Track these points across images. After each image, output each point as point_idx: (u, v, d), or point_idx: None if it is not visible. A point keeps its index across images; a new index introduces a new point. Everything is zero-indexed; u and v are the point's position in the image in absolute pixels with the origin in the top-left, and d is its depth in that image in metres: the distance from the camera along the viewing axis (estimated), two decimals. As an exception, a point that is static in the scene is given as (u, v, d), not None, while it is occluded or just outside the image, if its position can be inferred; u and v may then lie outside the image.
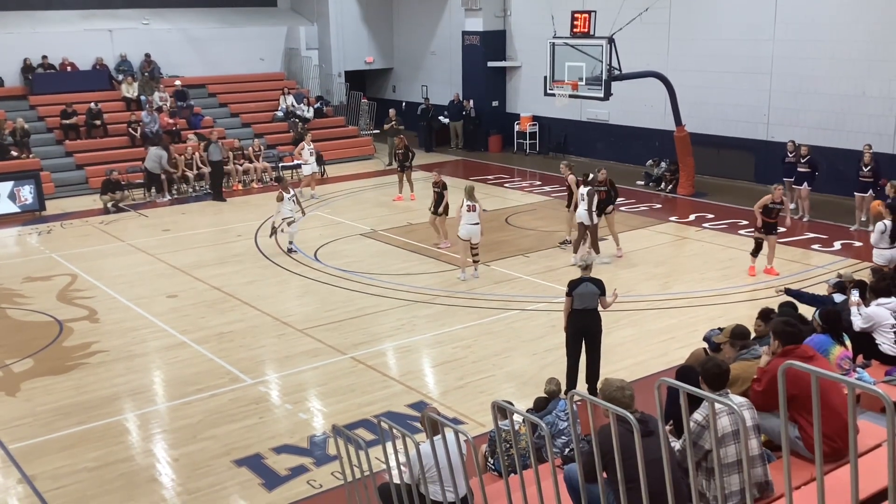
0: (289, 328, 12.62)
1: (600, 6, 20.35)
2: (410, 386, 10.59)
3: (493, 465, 7.52)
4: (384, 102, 29.87)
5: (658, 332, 12.13)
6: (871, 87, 18.85)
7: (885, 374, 7.51)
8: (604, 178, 15.30)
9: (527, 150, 27.03)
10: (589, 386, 9.95)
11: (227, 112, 26.66)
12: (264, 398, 10.40)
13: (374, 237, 17.55)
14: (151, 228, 18.85)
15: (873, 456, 5.50)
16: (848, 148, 18.52)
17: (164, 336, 12.43)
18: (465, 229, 14.19)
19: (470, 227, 14.17)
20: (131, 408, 10.22)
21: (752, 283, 14.10)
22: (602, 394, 5.04)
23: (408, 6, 30.92)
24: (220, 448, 9.12)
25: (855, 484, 3.42)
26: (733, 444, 4.89)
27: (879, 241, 12.75)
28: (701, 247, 16.53)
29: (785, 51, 20.32)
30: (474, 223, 14.19)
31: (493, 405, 5.23)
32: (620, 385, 5.03)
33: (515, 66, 27.57)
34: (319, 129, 26.53)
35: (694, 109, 21.18)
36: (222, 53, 27.86)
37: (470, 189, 14.50)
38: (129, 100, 24.98)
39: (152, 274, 15.45)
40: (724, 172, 21.70)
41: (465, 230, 14.19)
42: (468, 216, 14.15)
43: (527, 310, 13.16)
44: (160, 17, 27.68)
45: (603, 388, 5.11)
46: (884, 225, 12.71)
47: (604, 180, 15.30)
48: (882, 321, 7.89)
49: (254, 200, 21.40)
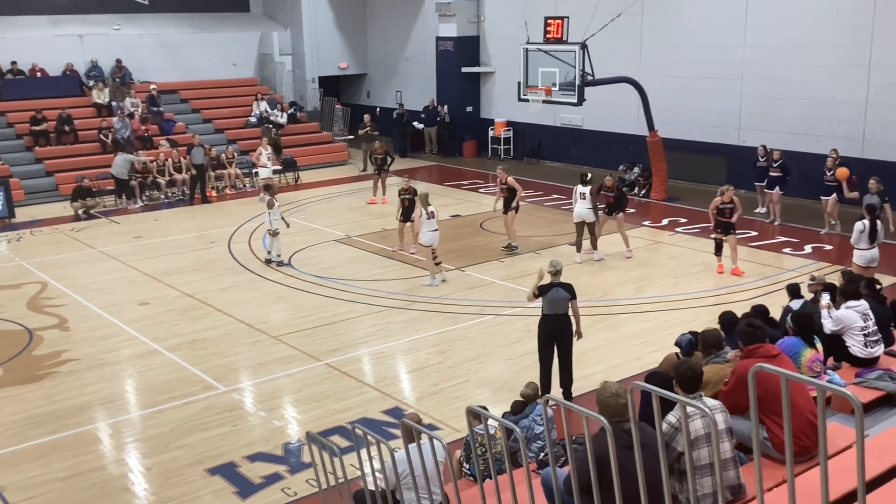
0: (263, 335, 12.54)
1: (573, 12, 20.47)
2: (385, 392, 10.56)
3: (468, 471, 7.51)
4: (358, 108, 29.84)
5: (632, 335, 12.19)
6: (841, 92, 19.10)
7: (856, 375, 7.59)
8: (611, 185, 15.79)
9: (501, 156, 27.09)
10: (563, 391, 9.99)
11: (199, 118, 26.49)
12: (238, 406, 10.32)
13: (349, 243, 17.50)
14: (123, 235, 18.68)
15: (844, 457, 5.56)
16: (819, 152, 18.72)
17: (136, 344, 12.30)
18: (428, 236, 14.33)
19: (432, 234, 14.35)
20: (103, 417, 10.10)
21: (725, 286, 14.22)
22: (597, 397, 4.97)
23: (381, 12, 30.92)
24: (194, 457, 9.03)
25: (825, 485, 3.45)
26: (706, 446, 4.92)
27: (858, 240, 12.85)
28: (674, 251, 16.65)
29: (756, 56, 20.55)
30: (434, 229, 14.37)
31: (467, 410, 5.22)
32: (616, 392, 4.89)
33: (489, 71, 27.66)
34: (293, 135, 26.48)
35: (667, 115, 21.34)
36: (195, 59, 27.70)
37: (425, 196, 14.67)
38: (100, 106, 24.75)
39: (124, 281, 15.29)
40: (696, 177, 21.88)
41: (428, 237, 14.33)
42: (428, 223, 14.31)
43: (501, 315, 13.17)
44: (131, 23, 27.46)
45: (598, 391, 5.02)
46: (862, 225, 12.81)
47: (611, 186, 15.78)
48: (852, 324, 7.97)
49: (228, 207, 21.27)
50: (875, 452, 5.36)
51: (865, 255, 12.87)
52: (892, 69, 18.18)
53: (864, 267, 12.66)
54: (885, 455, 5.26)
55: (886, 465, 5.20)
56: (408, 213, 15.89)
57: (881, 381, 7.29)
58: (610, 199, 15.77)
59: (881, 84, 18.44)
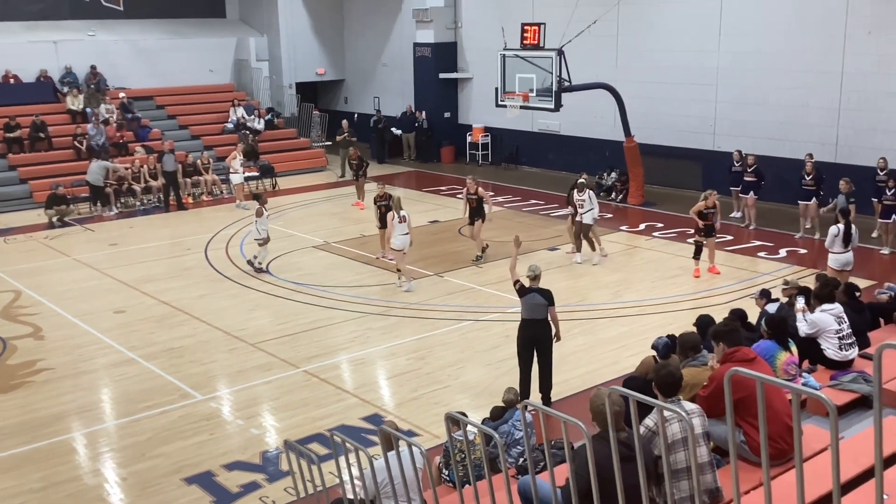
0: (240, 342, 12.46)
1: (550, 19, 20.56)
2: (364, 399, 10.52)
3: (447, 477, 7.50)
4: (336, 114, 29.78)
5: (610, 340, 12.24)
6: (814, 97, 19.32)
7: (831, 378, 7.65)
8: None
9: (479, 161, 27.15)
10: (543, 396, 10.01)
11: (175, 124, 26.32)
12: (215, 414, 10.25)
13: (327, 249, 17.45)
14: (98, 243, 18.51)
15: (820, 459, 5.61)
16: (792, 157, 18.93)
17: (111, 352, 12.19)
18: (399, 240, 14.48)
19: (403, 238, 14.49)
20: (78, 426, 9.99)
21: (701, 290, 14.32)
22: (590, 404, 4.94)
23: (359, 18, 30.90)
24: (170, 466, 8.95)
25: (800, 488, 3.48)
26: (683, 450, 4.94)
27: (832, 244, 12.97)
28: (651, 255, 16.74)
29: (730, 63, 20.75)
30: (405, 233, 14.53)
31: (446, 416, 5.22)
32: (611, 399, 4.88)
33: (467, 77, 27.72)
34: (271, 141, 26.38)
35: (643, 120, 21.49)
36: (170, 65, 27.52)
37: (397, 200, 14.83)
38: (75, 112, 24.54)
39: (99, 289, 15.15)
40: (672, 182, 22.04)
41: (399, 241, 14.47)
42: (399, 227, 14.48)
43: (480, 320, 13.18)
44: (106, 29, 27.26)
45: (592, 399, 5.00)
46: (836, 228, 12.94)
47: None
48: (826, 327, 8.05)
49: (204, 213, 21.14)
50: (850, 454, 5.40)
51: (840, 258, 12.99)
52: (864, 75, 18.43)
53: (838, 270, 12.77)
54: (860, 457, 5.31)
55: (862, 466, 5.24)
56: (385, 220, 15.87)
57: (856, 384, 7.37)
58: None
59: (853, 90, 18.68)
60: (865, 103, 18.50)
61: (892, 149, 17.61)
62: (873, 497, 3.38)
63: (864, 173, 17.68)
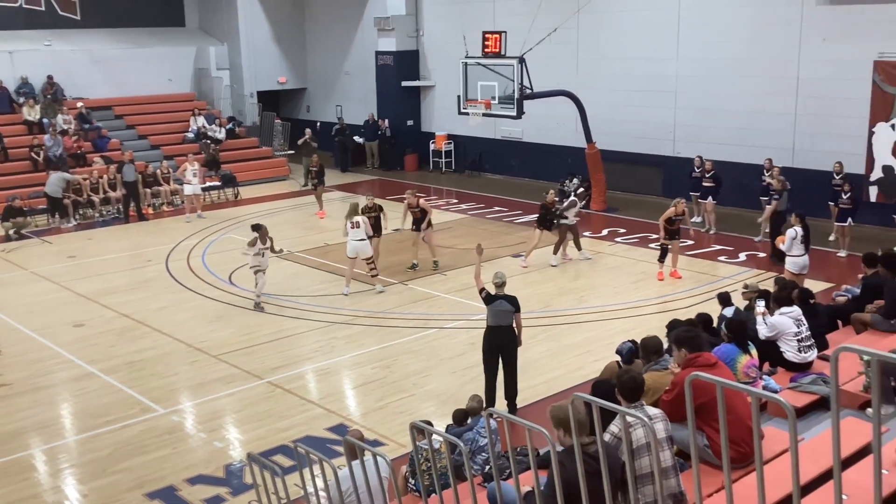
0: (202, 354, 12.32)
1: (511, 27, 20.67)
2: (329, 409, 10.46)
3: (413, 486, 7.47)
4: (298, 123, 29.63)
5: (574, 346, 12.30)
6: (771, 103, 19.63)
7: (791, 380, 7.76)
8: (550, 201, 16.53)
9: (443, 169, 27.18)
10: (508, 402, 10.03)
11: (134, 134, 26.00)
12: (178, 428, 10.11)
13: (291, 259, 17.32)
14: (56, 255, 18.20)
15: (782, 461, 5.68)
16: (750, 162, 19.22)
17: (71, 367, 11.98)
18: (351, 245, 14.62)
19: (355, 244, 14.56)
20: (38, 443, 9.80)
21: (664, 294, 14.45)
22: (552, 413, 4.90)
23: (320, 26, 30.82)
24: (132, 481, 8.81)
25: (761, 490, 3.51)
26: (647, 455, 4.97)
27: (791, 247, 13.12)
28: (614, 261, 16.87)
29: (688, 70, 21.02)
30: (359, 239, 14.57)
31: (410, 426, 5.20)
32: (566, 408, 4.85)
33: (429, 85, 27.75)
34: (232, 150, 26.16)
35: (604, 127, 21.66)
36: (129, 74, 27.17)
37: (354, 207, 15.02)
38: (31, 123, 24.11)
39: (58, 302, 14.89)
40: (634, 188, 22.24)
41: (351, 246, 14.62)
42: (353, 233, 14.56)
43: (445, 328, 13.18)
44: (63, 38, 26.86)
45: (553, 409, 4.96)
46: (794, 232, 13.10)
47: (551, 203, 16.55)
48: (786, 329, 8.16)
49: (165, 224, 20.89)
50: (811, 455, 5.48)
51: (798, 261, 13.16)
52: (819, 81, 18.76)
53: (796, 274, 12.96)
54: (820, 458, 5.38)
55: (822, 467, 5.31)
56: (375, 230, 15.68)
57: (815, 386, 7.48)
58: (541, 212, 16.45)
59: (809, 96, 19.01)
60: (821, 109, 18.84)
61: (847, 153, 17.96)
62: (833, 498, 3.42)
63: (821, 177, 18.02)
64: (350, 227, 14.60)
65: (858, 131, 18.14)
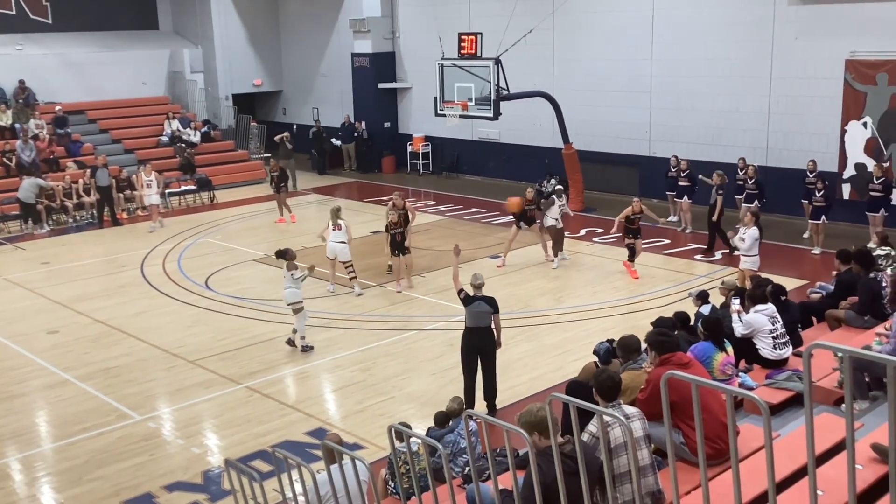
0: (179, 360, 12.23)
1: (486, 28, 20.70)
2: (308, 413, 10.41)
3: (393, 489, 7.45)
4: (274, 125, 29.49)
5: (553, 346, 12.33)
6: (744, 102, 19.80)
7: (766, 377, 7.83)
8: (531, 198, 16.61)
9: (420, 171, 27.17)
10: (488, 403, 10.03)
11: (108, 138, 25.75)
12: (155, 434, 10.02)
13: (268, 262, 17.22)
14: (29, 262, 17.99)
15: (758, 457, 5.72)
16: (725, 161, 19.34)
17: (45, 374, 11.84)
18: (330, 246, 14.91)
19: (334, 245, 14.84)
20: (13, 451, 9.68)
21: (641, 293, 14.52)
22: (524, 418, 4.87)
23: (295, 28, 30.70)
24: (109, 489, 8.73)
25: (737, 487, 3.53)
26: (625, 454, 4.99)
27: (752, 247, 13.23)
28: (592, 261, 16.93)
29: (663, 70, 21.15)
30: (339, 241, 14.81)
31: (389, 429, 5.19)
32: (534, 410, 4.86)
33: (406, 87, 27.73)
34: (207, 154, 26.00)
35: (580, 127, 21.76)
36: (102, 78, 26.91)
37: (336, 210, 15.08)
38: (3, 128, 23.83)
39: (31, 309, 14.72)
40: (611, 188, 22.34)
41: (330, 247, 14.92)
42: (334, 234, 14.86)
43: (424, 329, 13.16)
44: (35, 42, 26.57)
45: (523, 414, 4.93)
46: (757, 231, 13.22)
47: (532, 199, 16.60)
48: (761, 327, 8.24)
49: (139, 228, 20.72)
50: (786, 451, 5.53)
51: (757, 260, 13.28)
52: (791, 80, 18.95)
53: (755, 271, 13.10)
54: (796, 454, 5.43)
55: (797, 463, 5.36)
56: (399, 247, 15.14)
57: (790, 382, 7.55)
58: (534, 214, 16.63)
59: (781, 94, 19.19)
60: (794, 107, 19.02)
61: (820, 151, 18.15)
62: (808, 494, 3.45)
63: (794, 175, 18.19)
64: (332, 228, 14.73)
65: (831, 129, 18.34)
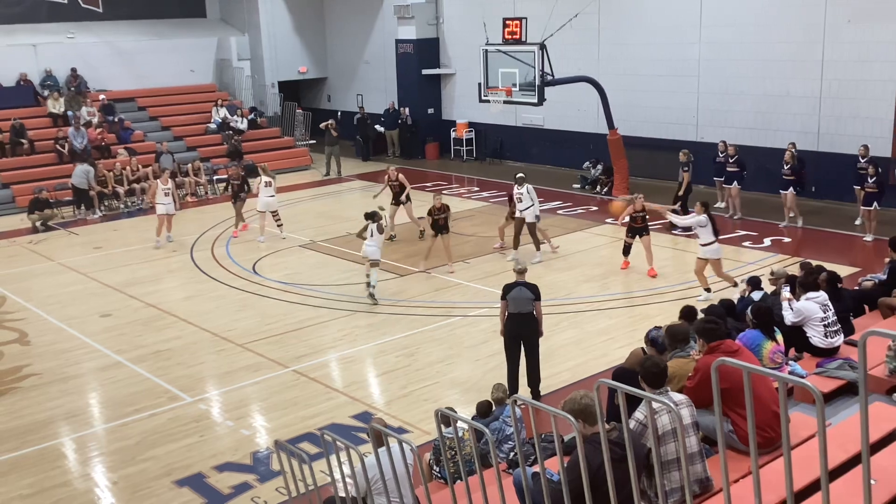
0: (228, 343, 12.43)
1: (531, 13, 20.57)
2: (354, 397, 10.52)
3: (438, 473, 7.51)
4: (319, 112, 29.69)
5: (598, 332, 12.28)
6: (794, 86, 19.42)
7: (817, 366, 7.71)
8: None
9: (464, 157, 27.15)
10: (532, 390, 10.04)
11: (157, 125, 26.18)
12: (205, 416, 10.22)
13: (314, 248, 17.41)
14: (82, 246, 18.40)
15: (808, 446, 5.66)
16: (775, 147, 19.02)
17: (98, 356, 12.13)
18: (263, 202, 17.73)
19: (267, 200, 17.72)
20: (67, 431, 9.94)
21: (686, 281, 14.36)
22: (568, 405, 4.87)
23: (340, 15, 30.82)
24: (161, 469, 8.93)
25: (789, 475, 3.51)
26: (673, 441, 4.97)
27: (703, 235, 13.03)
28: (637, 247, 16.74)
29: (711, 53, 20.82)
30: (270, 196, 17.75)
31: (436, 413, 5.22)
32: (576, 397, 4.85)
33: (450, 73, 27.69)
34: (254, 141, 26.29)
35: (626, 112, 21.53)
36: (151, 66, 27.35)
37: (264, 167, 18.16)
38: (56, 115, 24.37)
39: (85, 293, 15.07)
40: (656, 174, 22.07)
41: (263, 202, 17.74)
42: (265, 190, 17.69)
43: (468, 316, 13.20)
44: (86, 31, 27.07)
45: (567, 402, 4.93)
46: (705, 219, 12.92)
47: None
48: (812, 315, 8.10)
49: (188, 215, 21.02)
50: (838, 440, 5.45)
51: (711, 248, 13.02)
52: (844, 64, 18.53)
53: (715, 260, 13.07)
54: (847, 443, 5.35)
55: (849, 453, 5.28)
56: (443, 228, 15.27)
57: (842, 371, 7.42)
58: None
59: (833, 78, 18.78)
60: (846, 91, 18.61)
61: (872, 136, 17.74)
62: (861, 483, 3.41)
63: (846, 161, 17.82)
64: (264, 185, 17.59)
65: (884, 114, 17.91)
